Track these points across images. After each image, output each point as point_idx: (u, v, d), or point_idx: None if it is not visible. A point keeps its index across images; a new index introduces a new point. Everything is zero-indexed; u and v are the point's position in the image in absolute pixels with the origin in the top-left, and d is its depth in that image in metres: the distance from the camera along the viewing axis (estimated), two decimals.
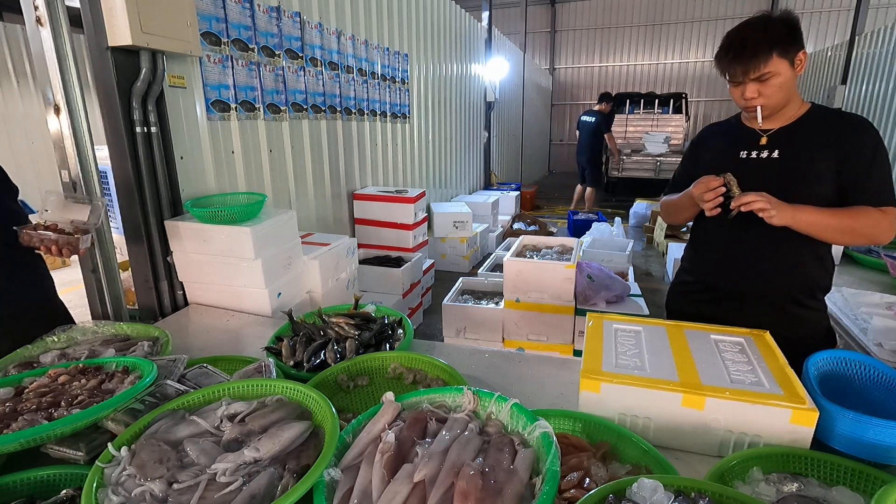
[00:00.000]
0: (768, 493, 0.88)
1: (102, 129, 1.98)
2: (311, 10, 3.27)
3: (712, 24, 13.06)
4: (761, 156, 1.46)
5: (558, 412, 1.08)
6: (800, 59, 1.35)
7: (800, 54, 1.34)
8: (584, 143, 7.98)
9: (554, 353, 2.32)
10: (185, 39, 2.03)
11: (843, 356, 1.19)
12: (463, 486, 0.76)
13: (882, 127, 6.87)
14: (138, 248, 2.10)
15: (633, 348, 1.20)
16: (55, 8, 1.72)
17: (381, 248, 4.14)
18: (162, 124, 2.11)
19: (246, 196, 2.36)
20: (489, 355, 1.58)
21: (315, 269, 2.42)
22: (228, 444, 0.90)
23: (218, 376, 1.25)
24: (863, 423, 0.93)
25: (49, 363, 1.31)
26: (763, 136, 1.46)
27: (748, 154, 1.48)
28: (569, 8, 14.34)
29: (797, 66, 1.35)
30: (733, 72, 1.37)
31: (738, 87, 1.40)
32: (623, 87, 14.03)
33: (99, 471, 0.84)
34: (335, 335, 1.54)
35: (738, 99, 1.42)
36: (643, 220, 7.25)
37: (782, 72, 1.33)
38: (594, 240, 4.78)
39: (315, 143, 3.45)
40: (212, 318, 2.04)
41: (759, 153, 1.46)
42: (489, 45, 7.64)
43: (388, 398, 1.00)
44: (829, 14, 12.08)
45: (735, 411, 0.99)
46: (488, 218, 6.16)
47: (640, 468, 0.94)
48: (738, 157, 1.49)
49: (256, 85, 2.82)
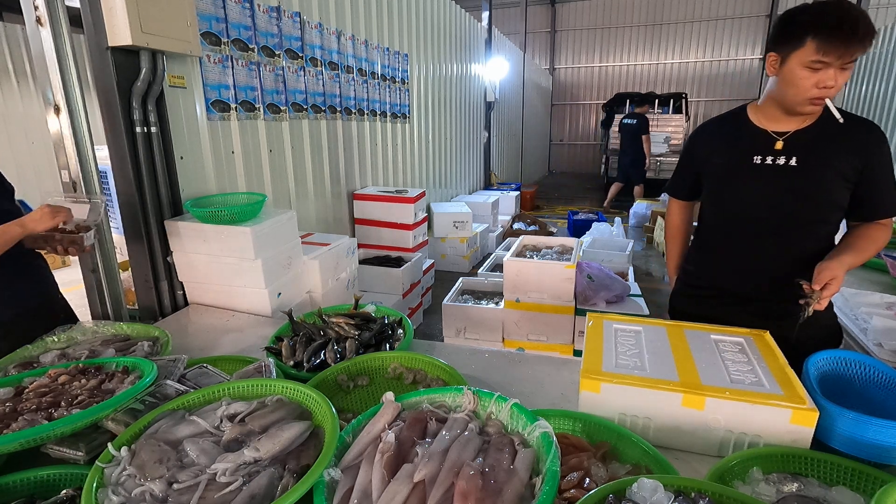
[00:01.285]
0: (768, 493, 0.88)
1: (102, 129, 1.98)
2: (311, 10, 3.27)
3: (712, 24, 13.06)
4: (777, 162, 1.38)
5: (558, 412, 1.08)
6: None
7: None
8: (628, 144, 8.29)
9: (554, 353, 2.32)
10: (185, 39, 2.03)
11: (843, 356, 1.19)
12: (463, 486, 0.76)
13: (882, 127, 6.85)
14: (138, 248, 2.10)
15: (633, 348, 1.20)
16: (55, 8, 1.72)
17: (381, 248, 4.14)
18: (162, 124, 2.11)
19: (246, 196, 2.36)
20: (489, 355, 1.58)
21: (315, 269, 2.42)
22: (228, 444, 0.90)
23: (218, 376, 1.25)
24: (863, 423, 0.93)
25: (49, 363, 1.31)
26: (778, 139, 1.38)
27: (762, 160, 1.40)
28: (569, 8, 14.34)
29: None
30: (833, 50, 1.18)
31: (816, 73, 1.22)
32: (623, 87, 14.03)
33: (99, 471, 0.84)
34: (335, 335, 1.54)
35: (809, 87, 1.25)
36: (643, 220, 7.25)
37: None
38: (594, 240, 4.78)
39: (315, 143, 3.45)
40: (212, 318, 2.04)
41: (774, 159, 1.38)
42: (489, 45, 7.64)
43: (388, 398, 1.00)
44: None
45: (735, 411, 0.99)
46: (488, 218, 6.15)
47: (640, 468, 0.94)
48: (751, 162, 1.41)
49: (256, 85, 2.82)
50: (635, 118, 8.18)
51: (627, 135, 8.25)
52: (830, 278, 1.25)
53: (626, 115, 8.46)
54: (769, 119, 1.42)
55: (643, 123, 8.13)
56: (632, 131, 8.18)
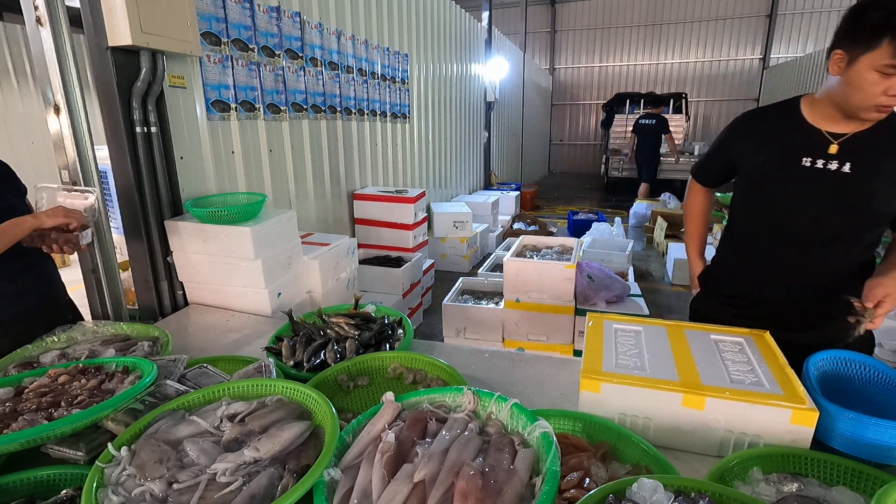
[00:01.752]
0: (768, 493, 0.88)
1: (102, 129, 1.98)
2: (311, 10, 3.27)
3: (712, 24, 13.07)
4: (829, 167, 1.26)
5: (558, 412, 1.08)
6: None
7: None
8: (644, 143, 8.38)
9: (554, 353, 2.32)
10: (185, 39, 2.03)
11: (843, 356, 1.19)
12: (463, 486, 0.76)
13: None
14: (138, 248, 2.10)
15: (633, 348, 1.20)
16: (55, 8, 1.72)
17: (381, 248, 4.14)
18: (162, 124, 2.11)
19: (246, 196, 2.36)
20: (489, 355, 1.58)
21: (315, 269, 2.42)
22: (228, 444, 0.90)
23: (218, 376, 1.25)
24: (863, 423, 0.93)
25: (49, 363, 1.31)
26: (833, 142, 1.26)
27: (813, 162, 1.27)
28: (569, 8, 14.34)
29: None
30: None
31: (888, 79, 1.11)
32: (623, 87, 14.04)
33: (99, 471, 0.84)
34: (335, 335, 1.54)
35: (878, 94, 1.14)
36: (643, 220, 7.25)
37: None
38: (594, 240, 4.79)
39: (315, 143, 3.45)
40: (212, 318, 2.04)
41: (826, 163, 1.26)
42: (489, 45, 7.64)
43: (388, 398, 1.00)
44: (829, 14, 12.07)
45: (735, 411, 0.99)
46: (488, 218, 6.15)
47: (640, 468, 0.94)
48: (799, 164, 1.28)
49: (256, 85, 2.82)
50: (653, 118, 8.26)
51: (647, 134, 8.31)
52: (884, 295, 1.17)
53: (643, 116, 8.52)
54: (825, 118, 1.29)
55: (663, 123, 8.23)
56: (650, 131, 8.25)
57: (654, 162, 8.53)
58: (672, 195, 7.46)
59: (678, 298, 4.72)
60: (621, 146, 10.48)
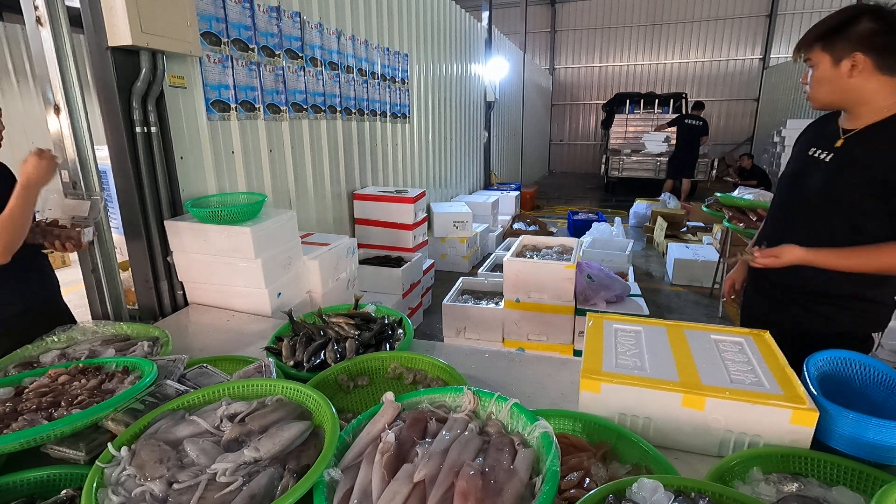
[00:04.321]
0: (768, 493, 0.88)
1: (102, 129, 1.98)
2: (311, 10, 3.27)
3: (712, 24, 13.06)
4: (822, 157, 1.39)
5: (558, 412, 1.08)
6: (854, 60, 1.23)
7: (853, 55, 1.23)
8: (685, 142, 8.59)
9: (554, 353, 2.32)
10: (185, 39, 2.03)
11: (843, 356, 1.19)
12: (463, 485, 0.76)
13: None
14: (138, 247, 2.10)
15: (633, 348, 1.20)
16: (55, 8, 1.72)
17: (381, 248, 4.14)
18: (162, 124, 2.11)
19: (246, 196, 2.36)
20: (489, 355, 1.58)
21: (315, 269, 2.41)
22: (228, 444, 0.90)
23: (218, 376, 1.25)
24: (863, 423, 0.93)
25: (49, 363, 1.31)
26: (841, 137, 1.35)
27: (816, 152, 1.42)
28: (569, 8, 14.34)
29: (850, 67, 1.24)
30: None
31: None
32: (623, 87, 14.03)
33: (99, 471, 0.84)
34: (335, 335, 1.54)
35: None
36: (643, 220, 7.25)
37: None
38: (594, 240, 4.79)
39: (315, 143, 3.45)
40: (212, 318, 2.04)
41: (822, 153, 1.39)
42: (489, 45, 7.64)
43: (388, 398, 1.00)
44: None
45: (735, 411, 0.99)
46: (488, 218, 6.15)
47: (640, 468, 0.94)
48: (807, 153, 1.44)
49: (256, 85, 2.82)
50: (699, 120, 8.45)
51: (690, 133, 8.47)
52: (778, 252, 1.31)
53: (687, 116, 8.70)
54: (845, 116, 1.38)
55: (706, 125, 8.49)
56: (694, 131, 8.42)
57: (694, 160, 8.71)
58: (672, 195, 7.46)
59: (678, 298, 4.72)
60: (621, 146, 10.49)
